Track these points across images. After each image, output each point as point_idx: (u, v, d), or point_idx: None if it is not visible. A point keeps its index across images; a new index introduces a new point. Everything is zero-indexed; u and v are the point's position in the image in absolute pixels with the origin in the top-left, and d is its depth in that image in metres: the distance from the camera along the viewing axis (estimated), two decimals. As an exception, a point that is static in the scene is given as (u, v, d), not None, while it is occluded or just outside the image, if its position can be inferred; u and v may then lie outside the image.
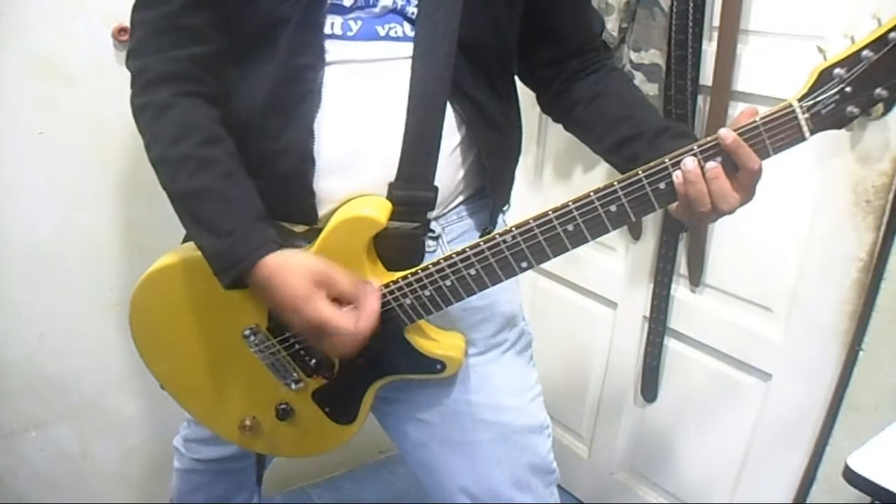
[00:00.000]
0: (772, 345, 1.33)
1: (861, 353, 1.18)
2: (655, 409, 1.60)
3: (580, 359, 1.74)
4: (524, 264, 0.80)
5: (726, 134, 0.71)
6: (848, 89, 0.68)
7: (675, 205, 0.76)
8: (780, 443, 1.35)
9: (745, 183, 0.74)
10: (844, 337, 1.21)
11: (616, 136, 0.88)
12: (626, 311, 1.61)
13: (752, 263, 1.34)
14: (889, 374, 1.15)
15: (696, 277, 1.44)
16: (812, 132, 0.71)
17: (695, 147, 0.73)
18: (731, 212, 0.76)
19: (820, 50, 0.69)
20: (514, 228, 0.79)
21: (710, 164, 0.73)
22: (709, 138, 0.73)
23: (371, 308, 0.79)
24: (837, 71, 0.68)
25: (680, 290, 1.48)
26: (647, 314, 1.53)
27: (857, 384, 1.19)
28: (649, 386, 1.57)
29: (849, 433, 1.21)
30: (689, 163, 0.73)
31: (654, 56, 1.30)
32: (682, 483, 1.58)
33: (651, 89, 1.31)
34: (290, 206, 0.84)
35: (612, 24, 1.33)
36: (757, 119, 0.71)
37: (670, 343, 1.53)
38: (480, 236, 0.93)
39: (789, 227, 1.26)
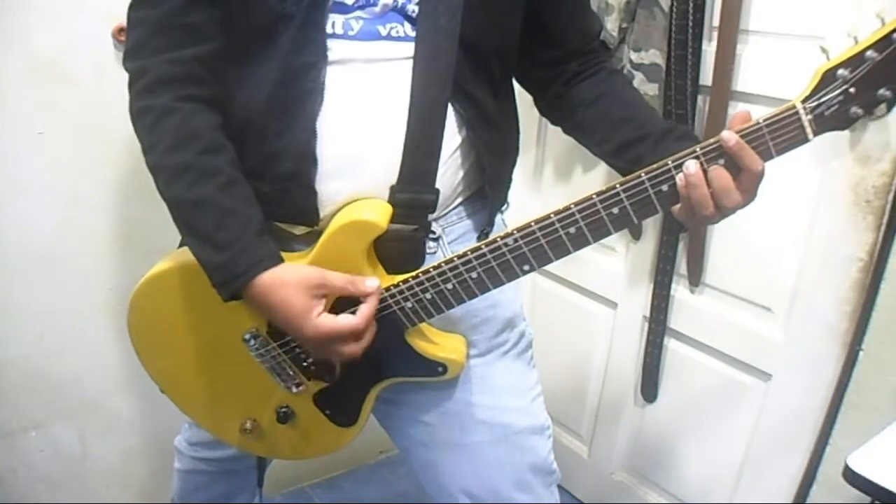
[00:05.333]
0: (772, 345, 1.33)
1: (861, 353, 1.18)
2: (655, 410, 1.60)
3: (580, 359, 1.74)
4: (526, 267, 0.80)
5: (728, 136, 0.71)
6: (851, 90, 0.68)
7: (677, 207, 0.76)
8: (781, 443, 1.35)
9: (747, 185, 0.73)
10: (844, 337, 1.21)
11: (619, 139, 0.88)
12: (626, 312, 1.61)
13: (752, 263, 1.34)
14: (889, 374, 1.15)
15: (696, 277, 1.44)
16: (815, 133, 0.70)
17: (697, 149, 0.73)
18: (733, 213, 0.75)
19: (823, 50, 0.69)
20: (515, 231, 0.78)
21: (713, 167, 0.72)
22: (711, 140, 0.72)
23: (370, 307, 0.80)
24: (841, 72, 0.67)
25: (680, 290, 1.48)
26: (647, 314, 1.53)
27: (857, 384, 1.19)
28: (649, 386, 1.57)
29: (849, 433, 1.21)
30: (692, 165, 0.72)
31: (654, 56, 1.30)
32: (682, 483, 1.58)
33: (651, 89, 1.31)
34: (291, 206, 0.84)
35: (612, 24, 1.33)
36: (760, 120, 0.70)
37: (670, 343, 1.53)
38: (478, 237, 0.93)
39: (789, 227, 1.26)
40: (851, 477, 0.86)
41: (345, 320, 0.79)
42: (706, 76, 1.30)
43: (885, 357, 1.15)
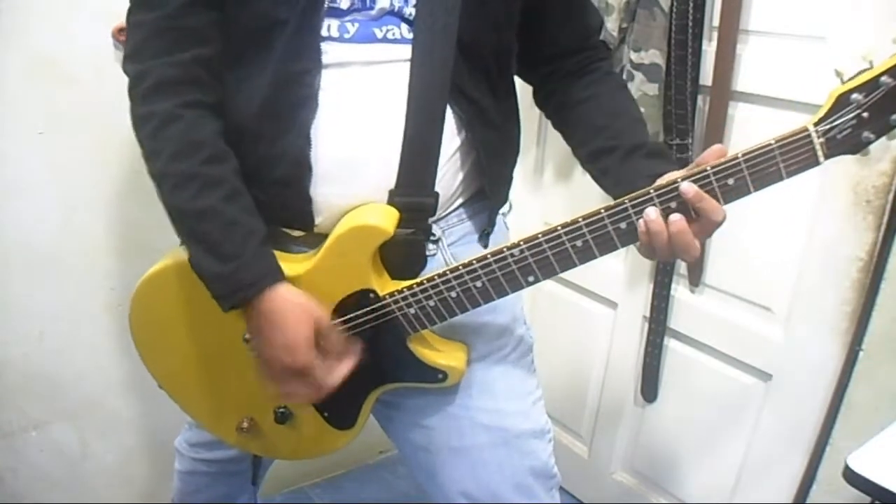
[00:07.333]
0: (772, 345, 1.33)
1: (861, 353, 1.18)
2: (655, 410, 1.60)
3: (580, 359, 1.74)
4: (531, 278, 0.80)
5: (688, 188, 0.71)
6: (865, 115, 0.68)
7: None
8: (781, 443, 1.35)
9: (706, 229, 0.74)
10: (844, 337, 1.21)
11: (593, 146, 0.88)
12: (626, 311, 1.61)
13: (752, 263, 1.34)
14: (889, 374, 1.15)
15: (696, 277, 1.44)
16: (827, 157, 0.70)
17: (651, 192, 0.73)
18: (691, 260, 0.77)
19: (838, 74, 0.68)
20: (521, 242, 0.78)
21: (674, 217, 0.72)
22: (665, 184, 0.73)
23: (345, 370, 0.82)
24: (855, 96, 0.67)
25: (680, 290, 1.48)
26: (647, 314, 1.53)
27: (857, 384, 1.19)
28: (649, 386, 1.57)
29: (849, 433, 1.21)
30: (651, 213, 0.73)
31: (654, 56, 1.30)
32: (682, 483, 1.58)
33: (651, 89, 1.31)
34: (286, 211, 0.84)
35: (612, 24, 1.33)
36: (772, 141, 0.70)
37: (670, 343, 1.53)
38: (479, 238, 0.93)
39: (789, 227, 1.26)
40: (851, 477, 0.86)
41: (324, 370, 0.81)
42: (706, 76, 1.30)
43: (885, 357, 1.15)
